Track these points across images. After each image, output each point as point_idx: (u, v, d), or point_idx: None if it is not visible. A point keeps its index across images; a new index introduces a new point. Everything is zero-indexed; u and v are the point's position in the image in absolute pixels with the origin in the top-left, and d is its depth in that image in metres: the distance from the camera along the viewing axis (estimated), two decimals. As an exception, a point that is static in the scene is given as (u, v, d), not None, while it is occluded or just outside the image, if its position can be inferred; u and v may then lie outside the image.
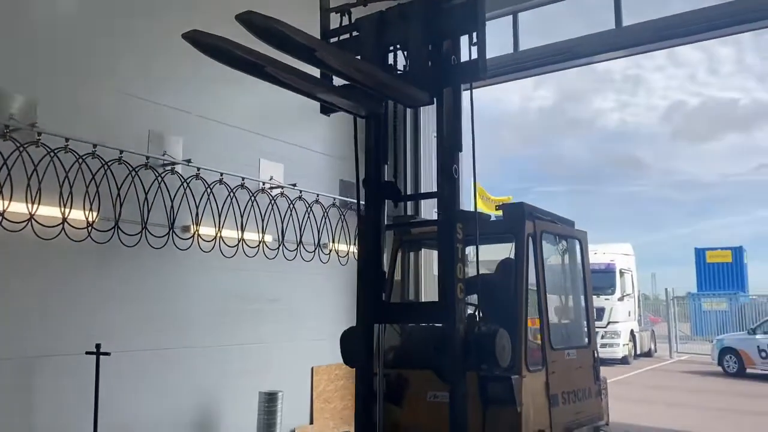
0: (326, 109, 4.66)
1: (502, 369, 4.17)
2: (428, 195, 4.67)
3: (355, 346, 4.56)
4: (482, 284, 4.86)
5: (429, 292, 7.01)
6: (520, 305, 4.67)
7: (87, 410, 5.86)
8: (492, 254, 5.24)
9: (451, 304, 4.11)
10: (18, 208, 5.51)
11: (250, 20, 3.10)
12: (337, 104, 4.34)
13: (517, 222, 4.85)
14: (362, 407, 4.41)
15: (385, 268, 4.75)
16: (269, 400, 7.48)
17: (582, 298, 5.93)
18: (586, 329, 5.86)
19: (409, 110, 9.97)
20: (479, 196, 4.47)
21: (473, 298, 4.76)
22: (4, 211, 5.42)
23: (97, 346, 6.03)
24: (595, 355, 5.88)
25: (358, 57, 4.61)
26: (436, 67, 4.36)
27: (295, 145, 8.80)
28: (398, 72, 4.65)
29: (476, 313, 4.89)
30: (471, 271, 4.44)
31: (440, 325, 4.41)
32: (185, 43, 3.36)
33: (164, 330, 6.92)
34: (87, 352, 6.00)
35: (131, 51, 6.83)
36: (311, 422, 8.63)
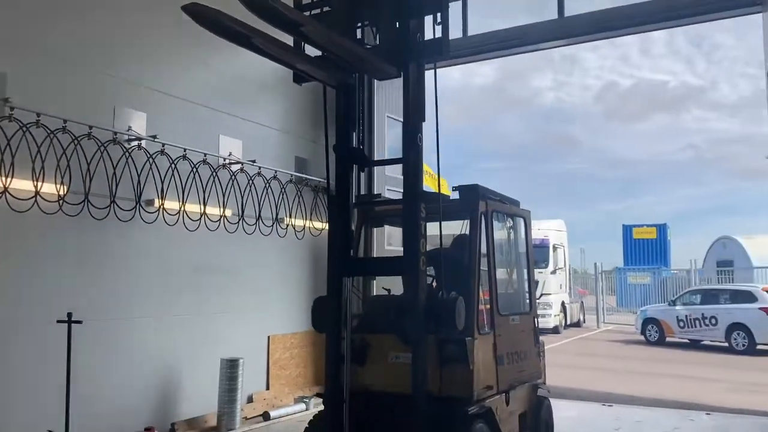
0: (299, 78, 5.01)
1: (457, 332, 4.71)
2: (395, 161, 5.10)
3: (324, 314, 5.00)
4: (438, 255, 5.40)
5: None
6: (474, 276, 5.21)
7: (54, 376, 6.11)
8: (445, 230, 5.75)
9: (414, 276, 4.61)
10: (-7, 181, 5.67)
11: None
12: (313, 74, 4.70)
13: (472, 202, 5.38)
14: (331, 369, 4.87)
15: (354, 222, 5.13)
16: (231, 367, 7.86)
17: (524, 270, 6.56)
18: (527, 298, 6.50)
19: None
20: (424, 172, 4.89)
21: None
22: (-20, 184, 5.57)
23: (69, 314, 6.25)
24: (536, 321, 6.54)
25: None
26: (403, 44, 4.77)
27: (253, 122, 9.07)
28: (367, 46, 5.04)
29: (433, 283, 5.43)
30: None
31: (402, 294, 4.91)
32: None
33: (129, 299, 7.18)
34: (59, 321, 6.23)
35: (95, 27, 6.94)
36: (267, 388, 9.06)
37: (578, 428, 7.89)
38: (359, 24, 5.10)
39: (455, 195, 5.59)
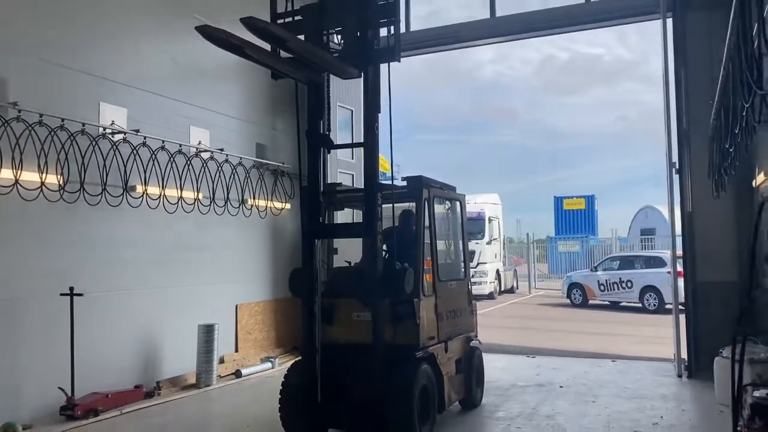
0: (276, 76, 6.11)
1: (406, 295, 5.97)
2: (356, 144, 6.27)
3: (300, 282, 6.15)
4: (390, 233, 6.63)
5: (341, 242, 8.57)
6: (419, 250, 6.46)
7: (59, 342, 7.10)
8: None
9: (372, 251, 5.83)
10: (5, 174, 6.54)
11: (251, 23, 4.54)
12: (289, 74, 5.80)
13: (417, 190, 6.60)
14: (306, 327, 6.05)
15: (321, 199, 6.24)
16: (207, 332, 8.95)
17: (461, 243, 7.88)
18: (463, 267, 7.83)
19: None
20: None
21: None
22: (-4, 177, 6.44)
23: (71, 288, 7.25)
24: (469, 285, 7.91)
25: (302, 36, 6.10)
26: (364, 50, 5.89)
27: (217, 112, 10.01)
28: (332, 51, 6.15)
29: (385, 255, 6.65)
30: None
31: (362, 265, 6.12)
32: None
33: (120, 274, 8.16)
34: (62, 294, 7.21)
35: (76, 29, 7.77)
36: (236, 350, 10.19)
37: (505, 374, 9.38)
38: (325, 32, 6.23)
39: (404, 184, 6.80)
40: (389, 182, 6.23)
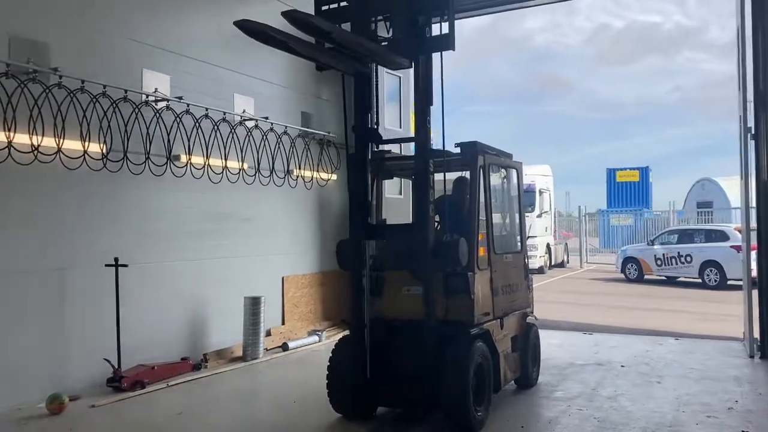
0: (321, 68, 5.75)
1: (460, 268, 5.61)
2: (408, 139, 5.95)
3: (348, 255, 5.87)
4: (443, 203, 6.26)
5: (387, 212, 8.21)
6: (473, 220, 6.07)
7: (105, 313, 7.00)
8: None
9: (424, 221, 5.48)
10: (48, 142, 6.39)
11: (293, 15, 4.20)
12: (335, 66, 5.45)
13: (472, 157, 6.18)
14: (354, 300, 5.78)
15: (370, 197, 5.98)
16: (254, 304, 8.78)
17: (516, 214, 7.43)
18: (519, 239, 7.39)
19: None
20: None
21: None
22: (39, 145, 6.29)
23: (116, 259, 7.12)
24: (526, 258, 7.47)
25: (348, 24, 5.72)
26: (414, 38, 5.49)
27: (261, 80, 9.70)
28: (382, 39, 5.76)
29: (438, 227, 6.29)
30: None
31: (413, 236, 5.77)
32: None
33: (165, 245, 8.02)
34: (107, 265, 7.09)
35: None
36: (283, 323, 10.03)
37: (562, 352, 8.95)
38: (373, 18, 5.81)
39: (457, 150, 6.38)
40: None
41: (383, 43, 5.73)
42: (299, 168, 10.02)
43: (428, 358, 5.39)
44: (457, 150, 6.25)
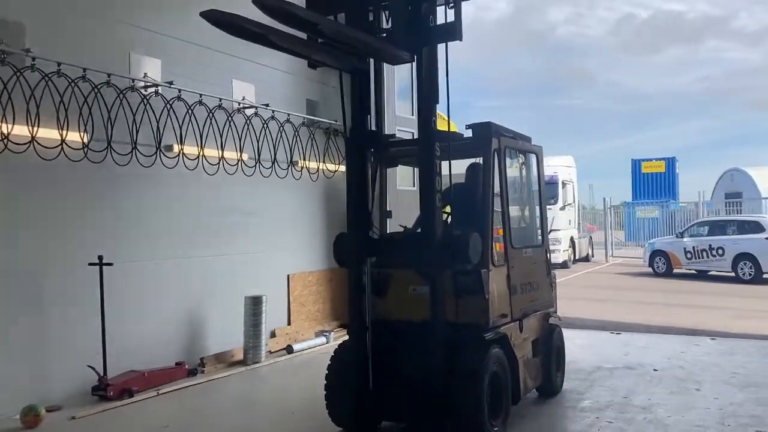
0: (313, 65, 5.13)
1: (472, 265, 4.94)
2: (410, 141, 5.30)
3: (346, 251, 5.25)
4: (454, 192, 5.60)
5: (392, 203, 7.56)
6: (487, 211, 5.39)
7: (88, 316, 6.47)
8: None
9: (431, 213, 4.82)
10: (20, 131, 5.83)
11: (264, 3, 3.58)
12: (328, 63, 4.82)
13: (485, 139, 5.51)
14: (353, 300, 5.15)
15: (371, 208, 5.34)
16: (255, 304, 8.20)
17: (537, 205, 6.74)
18: (540, 232, 6.70)
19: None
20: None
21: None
22: (8, 134, 5.74)
23: (100, 257, 6.58)
24: (548, 253, 6.77)
25: (342, 15, 5.09)
26: (416, 28, 4.82)
27: (263, 65, 9.07)
28: (381, 30, 5.10)
29: (448, 219, 5.64)
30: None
31: (419, 230, 5.13)
32: None
33: (155, 242, 7.46)
34: (90, 264, 6.54)
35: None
36: (288, 323, 9.45)
37: (588, 355, 8.24)
38: (371, 8, 5.16)
39: (468, 133, 5.71)
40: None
41: (382, 35, 5.08)
42: (304, 159, 9.40)
43: (437, 367, 4.75)
44: (469, 132, 5.59)
